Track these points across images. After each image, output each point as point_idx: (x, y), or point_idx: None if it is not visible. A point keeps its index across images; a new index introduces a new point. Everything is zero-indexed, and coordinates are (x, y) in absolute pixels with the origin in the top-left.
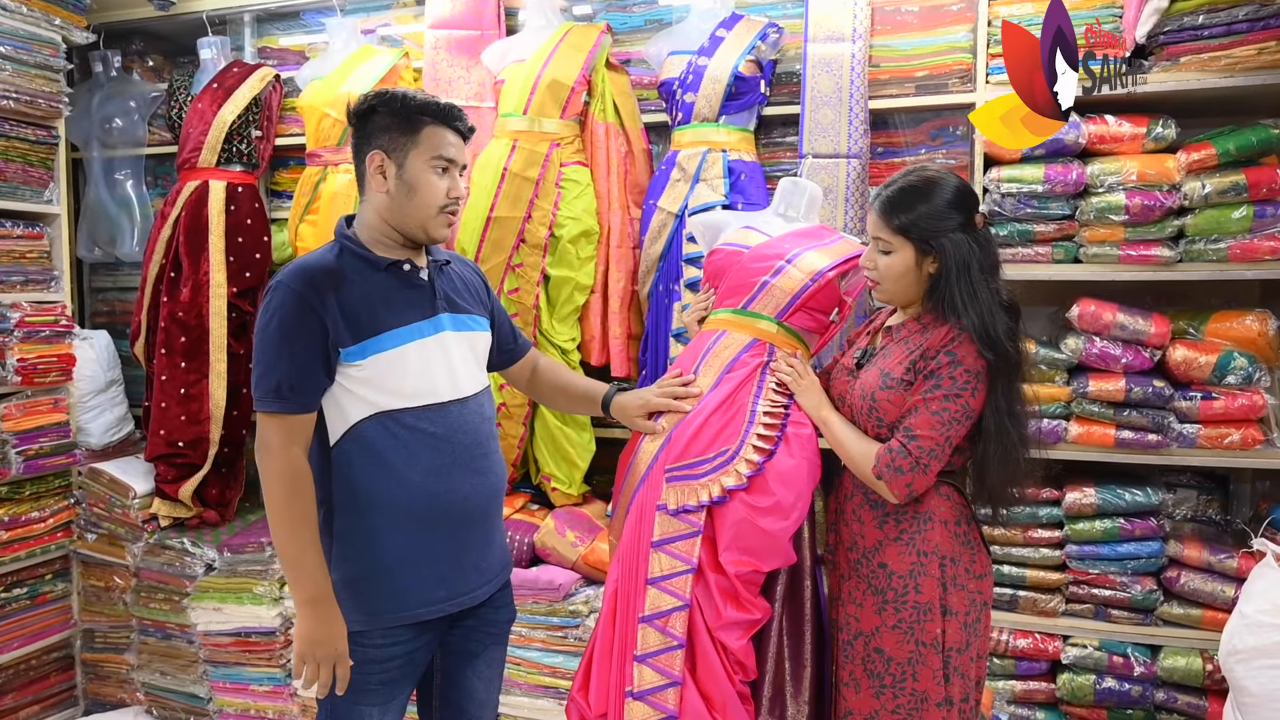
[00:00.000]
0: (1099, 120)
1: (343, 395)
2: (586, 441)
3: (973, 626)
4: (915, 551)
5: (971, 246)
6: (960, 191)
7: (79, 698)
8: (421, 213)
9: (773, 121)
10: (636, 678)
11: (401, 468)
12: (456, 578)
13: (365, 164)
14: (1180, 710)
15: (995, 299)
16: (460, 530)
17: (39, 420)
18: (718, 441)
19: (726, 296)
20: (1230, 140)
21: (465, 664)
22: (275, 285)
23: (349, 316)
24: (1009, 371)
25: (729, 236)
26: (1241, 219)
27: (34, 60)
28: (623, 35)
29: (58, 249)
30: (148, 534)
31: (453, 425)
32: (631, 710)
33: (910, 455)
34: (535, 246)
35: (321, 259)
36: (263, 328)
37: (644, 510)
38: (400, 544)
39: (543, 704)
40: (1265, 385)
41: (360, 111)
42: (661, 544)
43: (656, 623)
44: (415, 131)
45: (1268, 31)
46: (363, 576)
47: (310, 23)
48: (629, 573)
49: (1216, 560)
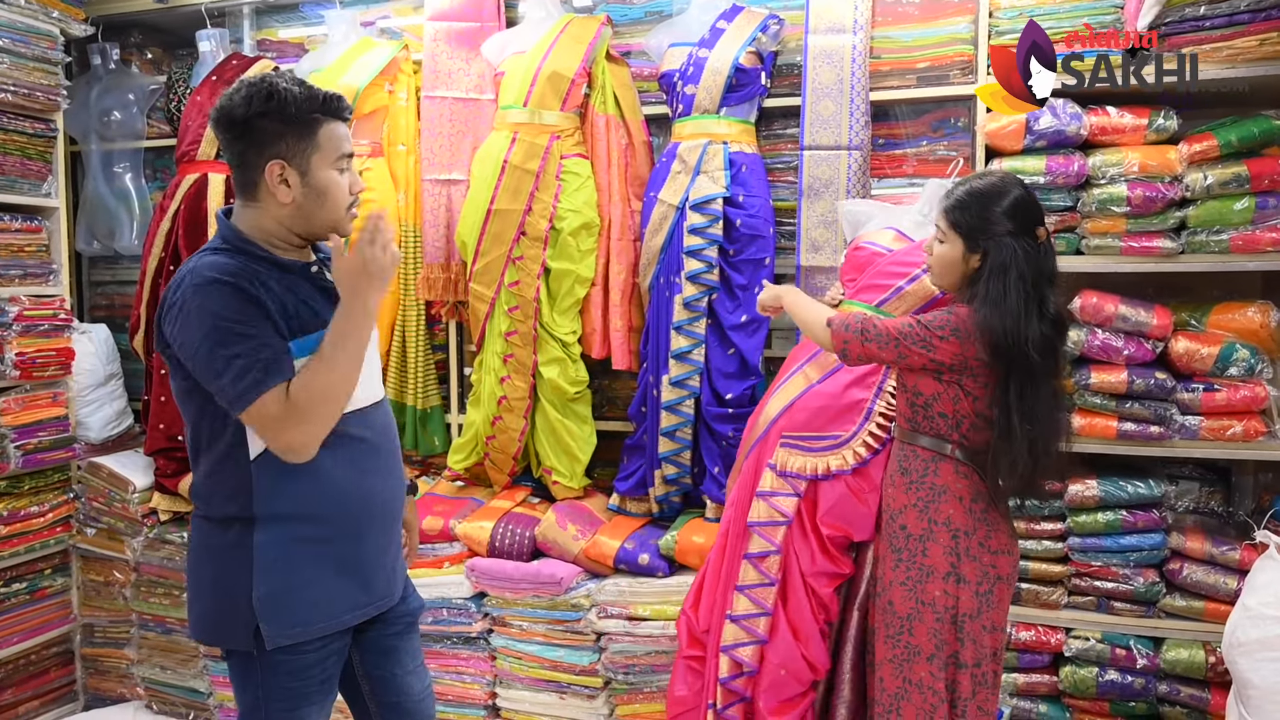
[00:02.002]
0: (1100, 111)
1: None
2: (588, 434)
3: (985, 596)
4: (928, 520)
5: (1017, 253)
6: (1019, 203)
7: (79, 693)
8: (333, 215)
9: (774, 113)
10: (735, 604)
11: (334, 475)
12: (379, 579)
13: (262, 175)
14: (1183, 703)
15: (1032, 307)
16: (382, 532)
17: (38, 414)
18: (834, 425)
19: (864, 291)
20: (1232, 131)
21: (389, 661)
22: (198, 286)
23: (284, 312)
24: (1025, 374)
25: (873, 235)
26: (1243, 210)
27: (32, 53)
28: (623, 27)
29: (56, 242)
30: (148, 528)
31: (374, 428)
32: (727, 631)
33: (858, 324)
34: (536, 239)
35: (232, 261)
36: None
37: (759, 463)
38: (328, 552)
39: (544, 698)
40: (1267, 377)
41: (242, 120)
42: (765, 495)
43: (756, 561)
44: (313, 134)
45: (1270, 22)
46: (290, 589)
47: (309, 15)
48: (740, 514)
49: (1219, 552)
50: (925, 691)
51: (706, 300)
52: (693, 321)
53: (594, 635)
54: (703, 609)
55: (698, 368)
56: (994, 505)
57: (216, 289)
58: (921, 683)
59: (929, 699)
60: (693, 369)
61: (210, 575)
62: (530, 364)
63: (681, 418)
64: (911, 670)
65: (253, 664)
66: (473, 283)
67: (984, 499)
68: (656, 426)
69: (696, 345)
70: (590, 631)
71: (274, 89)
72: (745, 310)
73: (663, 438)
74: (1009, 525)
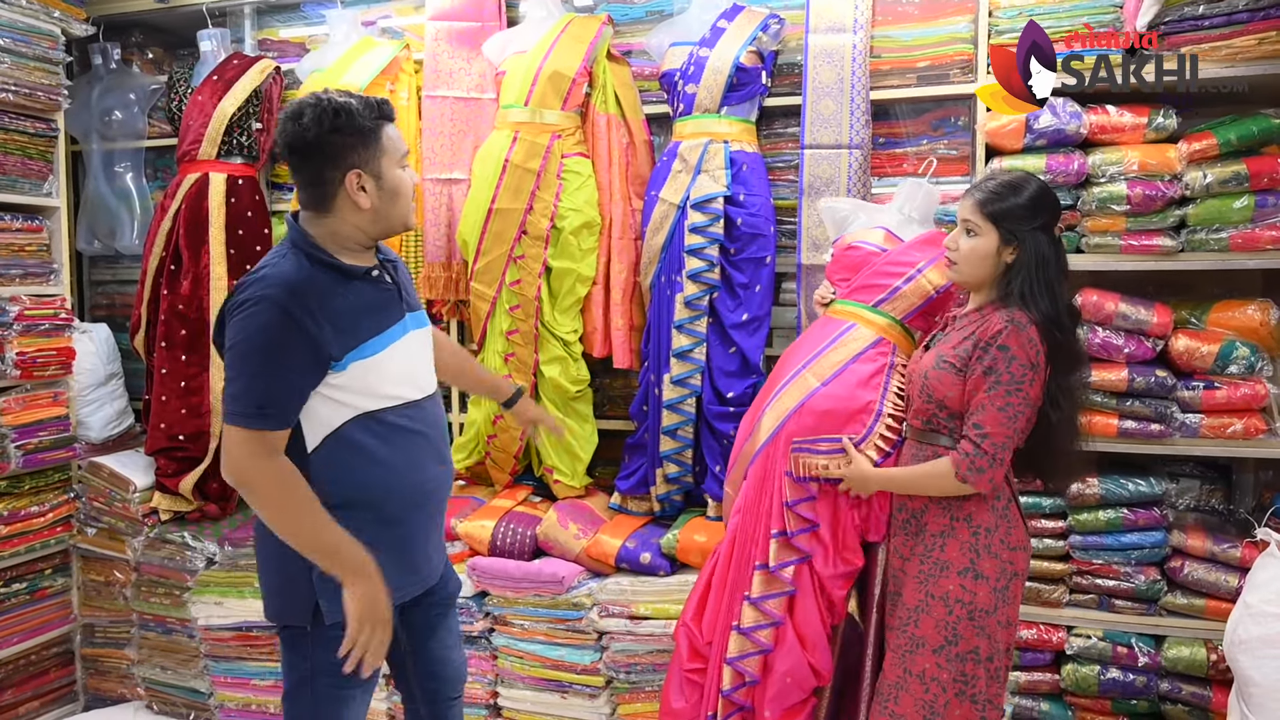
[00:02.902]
0: (1100, 110)
1: (322, 403)
2: (589, 434)
3: (1002, 592)
4: (949, 516)
5: (1049, 245)
6: (1046, 195)
7: (79, 693)
8: (404, 210)
9: (774, 112)
10: (744, 616)
11: (386, 463)
12: (423, 561)
13: (340, 186)
14: (1184, 700)
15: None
16: (428, 517)
17: (38, 414)
18: (845, 428)
19: (859, 291)
20: (1231, 130)
21: (430, 639)
22: (259, 298)
23: (338, 329)
24: (1066, 364)
25: (860, 233)
26: (1243, 209)
27: (33, 53)
28: (624, 26)
29: (57, 242)
30: (148, 528)
31: (426, 421)
32: (733, 643)
33: (986, 454)
34: (537, 238)
35: (299, 272)
36: (245, 340)
37: (768, 473)
38: (379, 536)
39: (546, 697)
40: (1267, 375)
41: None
42: (794, 505)
43: (776, 571)
44: (378, 139)
45: (1268, 21)
46: None
47: (311, 15)
48: (751, 524)
49: (1220, 550)
50: (927, 683)
51: (708, 299)
52: (694, 320)
53: (595, 634)
54: (706, 621)
55: (699, 366)
56: (1014, 501)
57: (270, 307)
58: (924, 674)
59: (931, 690)
60: (694, 367)
61: (275, 556)
62: (531, 363)
63: (683, 416)
64: (913, 661)
65: (306, 640)
66: (474, 282)
67: (1005, 496)
68: (658, 425)
69: (698, 344)
70: (592, 630)
71: (338, 106)
72: (746, 309)
73: (664, 436)
74: (1025, 523)
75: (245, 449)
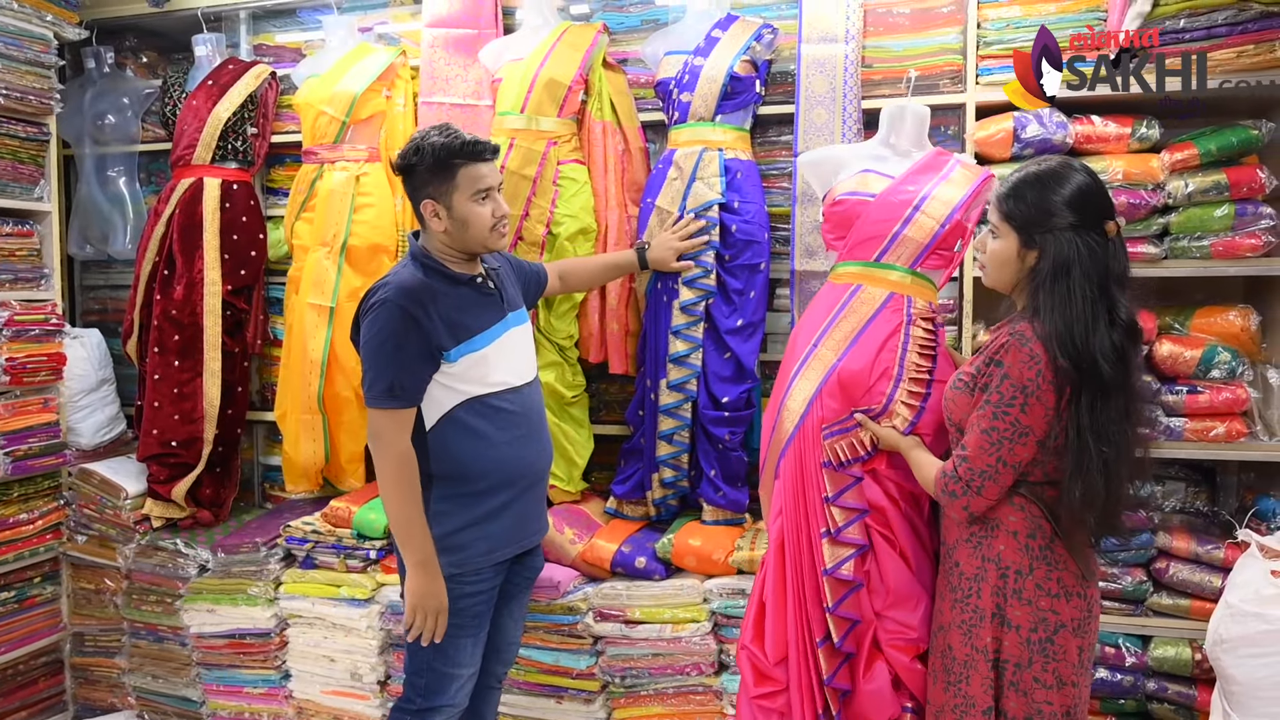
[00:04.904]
0: (1086, 120)
1: (438, 390)
2: (585, 439)
3: (1040, 645)
4: (980, 556)
5: (1078, 249)
6: (1082, 191)
7: (68, 703)
8: (478, 237)
9: (768, 121)
10: (832, 629)
11: (492, 440)
12: (524, 524)
13: (421, 210)
14: (1170, 699)
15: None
16: (529, 487)
17: (28, 420)
18: (868, 398)
19: (856, 249)
20: (1212, 140)
21: (504, 605)
22: (381, 302)
23: (447, 324)
24: (1098, 387)
25: (849, 185)
26: (1223, 217)
27: (24, 56)
28: (620, 35)
29: (48, 246)
30: (140, 535)
31: (525, 404)
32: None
33: (960, 479)
34: (533, 244)
35: (413, 278)
36: (373, 337)
37: (803, 468)
38: (489, 501)
39: (542, 702)
40: (1248, 379)
41: (401, 169)
42: (835, 498)
43: (840, 571)
44: (452, 176)
45: (1245, 36)
46: (459, 529)
47: (307, 20)
48: (797, 527)
49: (1204, 551)
50: None
51: (703, 305)
52: (690, 326)
53: (591, 639)
54: (770, 639)
55: (695, 371)
56: (1056, 540)
57: (390, 307)
58: None
59: None
60: (690, 373)
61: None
62: None
63: (679, 421)
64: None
65: None
66: None
67: (1044, 535)
68: (654, 430)
69: (694, 349)
70: (587, 635)
71: (428, 146)
72: (741, 314)
73: (660, 441)
74: (1080, 565)
75: (379, 425)
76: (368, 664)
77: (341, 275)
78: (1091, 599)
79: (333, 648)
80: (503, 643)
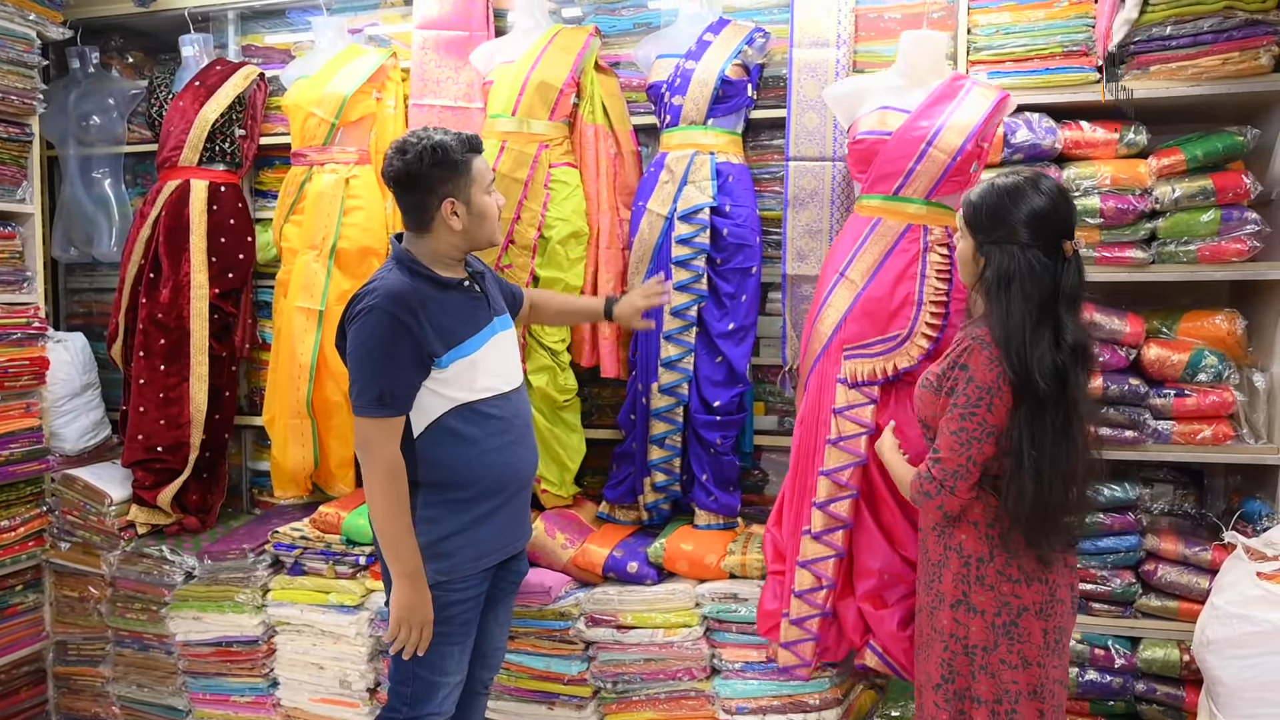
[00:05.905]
0: (1074, 126)
1: (427, 396)
2: (577, 443)
3: (1004, 629)
4: (944, 545)
5: (1020, 266)
6: (1037, 212)
7: (51, 713)
8: (491, 229)
9: (760, 125)
10: (813, 521)
11: (481, 446)
12: (511, 529)
13: (437, 211)
14: (1159, 701)
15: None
16: (517, 493)
17: (10, 425)
18: (891, 325)
19: (876, 183)
20: (1198, 146)
21: (489, 610)
22: (369, 308)
23: (438, 330)
24: (1035, 401)
25: (869, 123)
26: (1210, 222)
27: (7, 56)
28: (611, 38)
29: (30, 249)
30: (124, 542)
31: (513, 409)
32: (806, 547)
33: (934, 479)
34: (524, 248)
35: (401, 283)
36: (361, 345)
37: (824, 381)
38: (477, 507)
39: (533, 708)
40: (1234, 383)
41: (418, 173)
42: (842, 411)
43: (835, 475)
44: (468, 170)
45: (1230, 43)
46: (447, 536)
47: (296, 21)
48: (809, 433)
49: (1192, 553)
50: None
51: (695, 309)
52: (682, 330)
53: (582, 644)
54: (785, 527)
55: (687, 375)
56: (1015, 530)
57: (378, 314)
58: (923, 709)
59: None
60: (682, 376)
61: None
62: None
63: (671, 425)
64: (921, 696)
65: None
66: None
67: (1003, 524)
68: (646, 434)
69: (686, 353)
70: (579, 640)
71: (436, 145)
72: (732, 318)
73: (652, 445)
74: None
75: (368, 434)
76: (357, 671)
77: (331, 278)
78: (1054, 584)
79: (321, 655)
80: (489, 649)
